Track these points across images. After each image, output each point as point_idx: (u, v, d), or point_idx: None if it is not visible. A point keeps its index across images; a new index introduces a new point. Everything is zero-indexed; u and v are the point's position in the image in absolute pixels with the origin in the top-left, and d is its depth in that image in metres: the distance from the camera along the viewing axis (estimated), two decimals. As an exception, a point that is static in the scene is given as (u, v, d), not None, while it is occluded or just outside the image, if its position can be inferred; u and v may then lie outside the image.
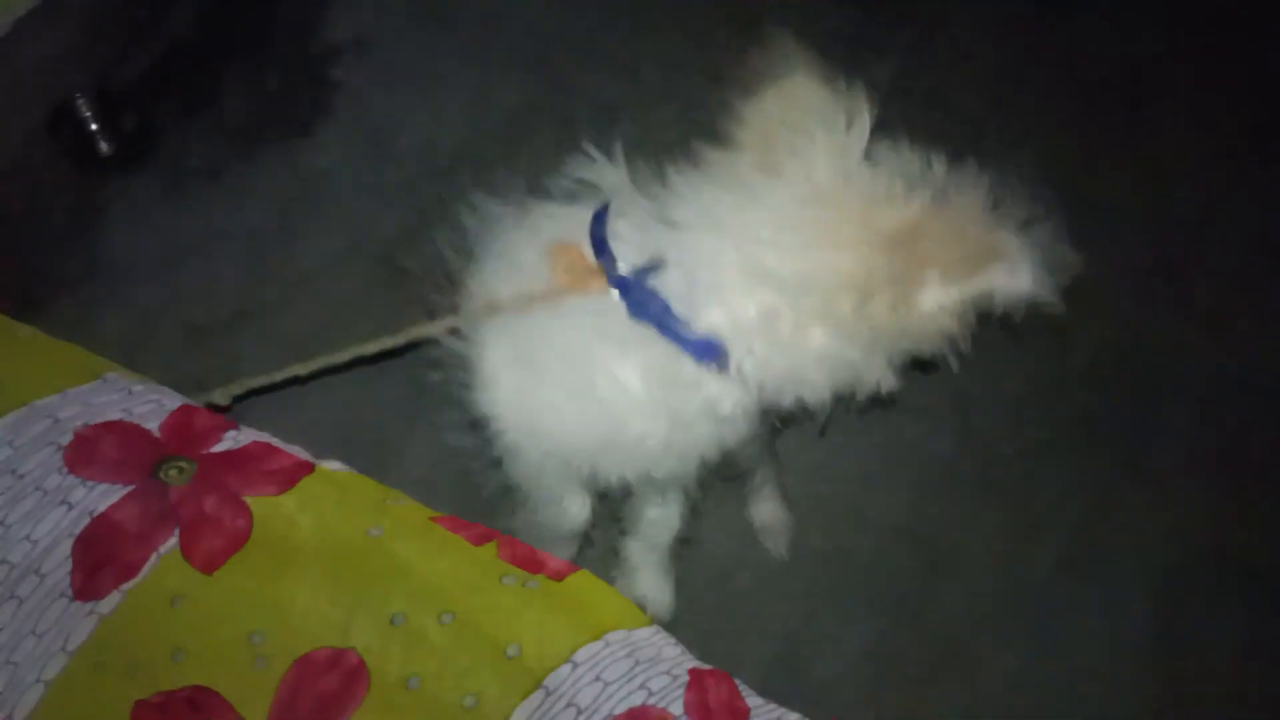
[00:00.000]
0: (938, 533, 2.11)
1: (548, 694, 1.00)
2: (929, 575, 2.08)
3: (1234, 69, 2.74)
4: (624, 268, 1.22)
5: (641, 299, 1.20)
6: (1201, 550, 2.09)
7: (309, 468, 1.09)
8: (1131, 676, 1.99)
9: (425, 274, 2.24)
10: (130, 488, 1.05)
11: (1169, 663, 2.00)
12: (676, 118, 2.62)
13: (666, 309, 1.19)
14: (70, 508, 1.05)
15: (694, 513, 1.94)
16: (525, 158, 2.58)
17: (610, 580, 1.87)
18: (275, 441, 1.12)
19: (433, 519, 1.08)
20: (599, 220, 1.28)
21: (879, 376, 1.30)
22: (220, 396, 1.67)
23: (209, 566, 1.02)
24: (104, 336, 2.29)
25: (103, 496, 1.06)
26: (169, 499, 1.04)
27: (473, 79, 2.69)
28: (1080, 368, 2.33)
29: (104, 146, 2.51)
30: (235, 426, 1.13)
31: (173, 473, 1.06)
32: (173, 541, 1.02)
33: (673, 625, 1.97)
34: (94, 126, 2.49)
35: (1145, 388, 2.30)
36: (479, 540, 1.06)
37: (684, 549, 2.02)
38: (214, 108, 2.62)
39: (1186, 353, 2.34)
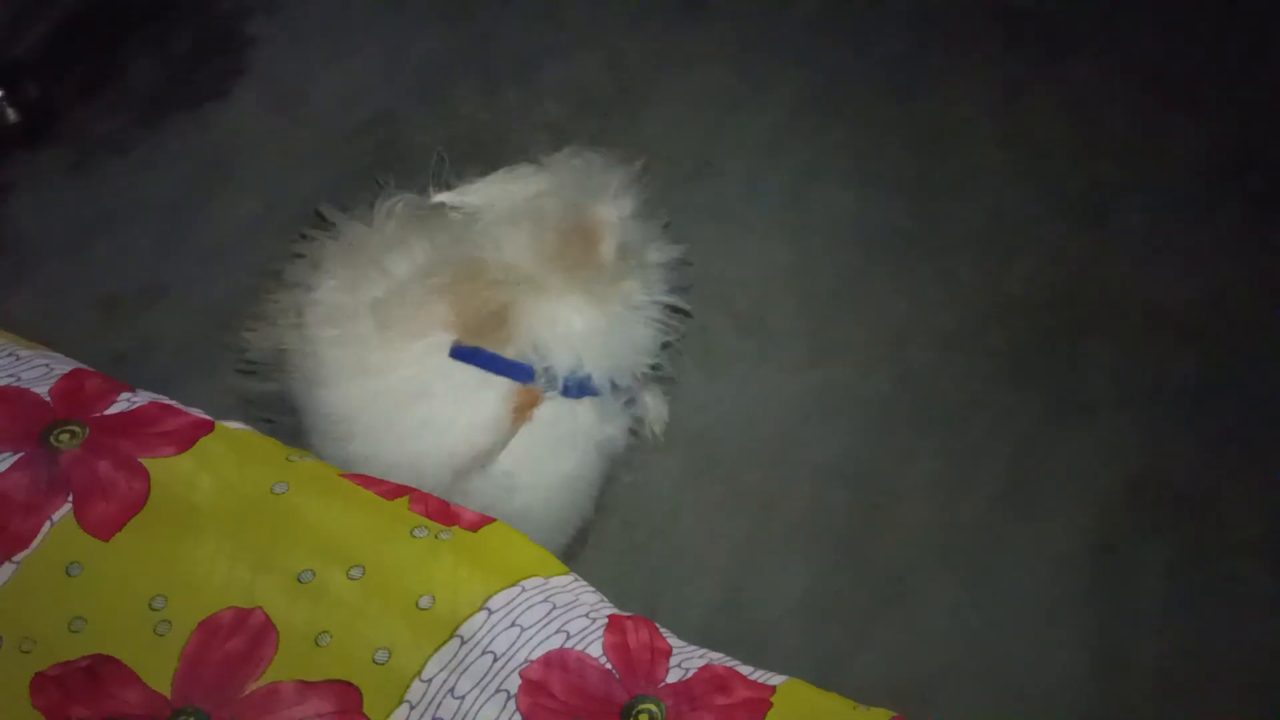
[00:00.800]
0: (875, 472, 2.10)
1: (462, 642, 0.97)
2: (868, 514, 2.07)
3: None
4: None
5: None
6: (1134, 480, 2.10)
7: (208, 426, 1.05)
8: (1069, 607, 2.00)
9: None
10: (18, 455, 1.00)
11: (1104, 592, 2.01)
12: (602, 63, 2.57)
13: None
14: (-47, 479, 1.01)
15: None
16: (444, 113, 2.53)
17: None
18: (172, 402, 1.08)
19: (341, 475, 1.04)
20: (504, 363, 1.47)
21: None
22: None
23: (105, 532, 0.97)
24: (14, 315, 2.18)
25: (-12, 466, 1.01)
26: (60, 465, 1.00)
27: (390, 31, 2.63)
28: (1013, 299, 2.33)
29: (10, 114, 2.41)
30: (130, 389, 1.08)
31: (64, 437, 1.02)
32: (66, 509, 0.98)
33: (618, 569, 1.97)
34: (-1, 92, 2.39)
35: (1077, 319, 2.30)
36: (390, 495, 1.03)
37: (627, 494, 2.00)
38: (119, 77, 2.53)
39: (1116, 284, 2.35)
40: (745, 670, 1.01)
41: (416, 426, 1.50)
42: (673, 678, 1.00)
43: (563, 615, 1.01)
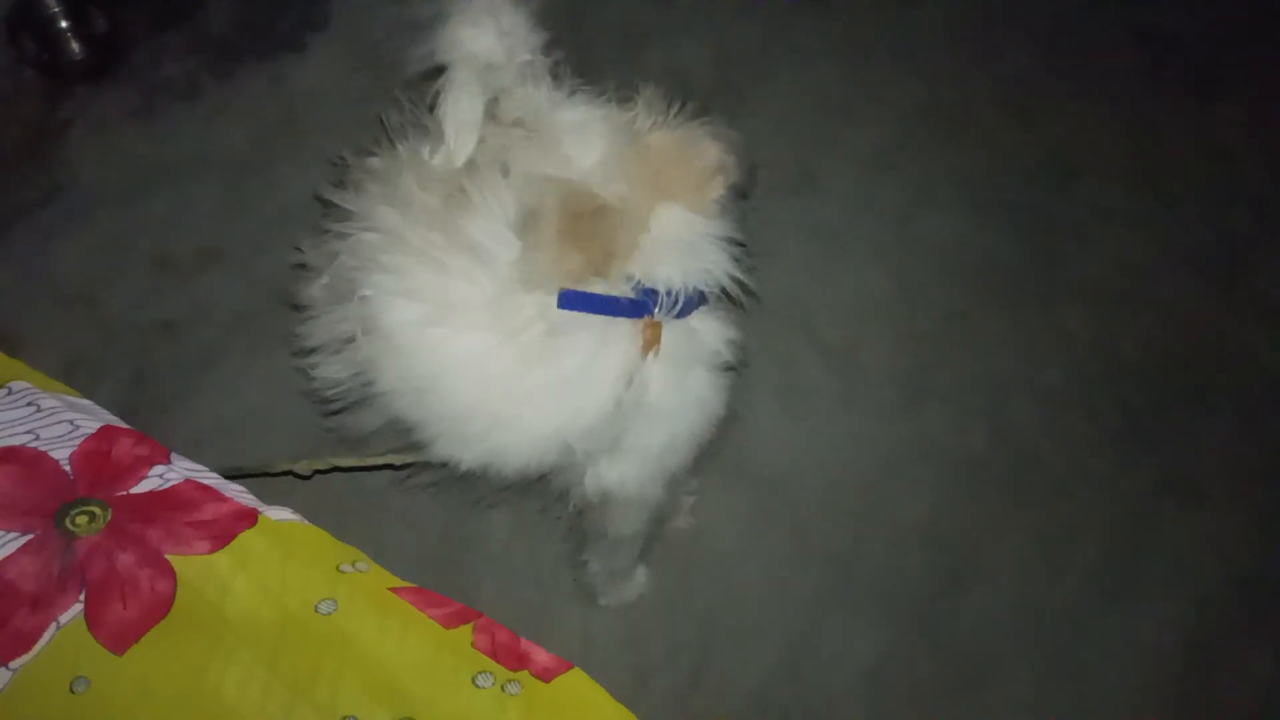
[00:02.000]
0: (961, 537, 1.94)
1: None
2: (948, 584, 1.91)
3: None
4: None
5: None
6: (1238, 575, 1.92)
7: (251, 518, 0.90)
8: (1154, 707, 1.84)
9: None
10: (29, 536, 0.87)
11: (1192, 694, 1.85)
12: (708, 52, 2.38)
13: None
14: (-48, 557, 0.87)
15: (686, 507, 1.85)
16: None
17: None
18: (212, 480, 0.93)
19: (395, 590, 0.89)
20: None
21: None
22: (303, 468, 1.58)
23: (120, 643, 0.84)
24: (59, 269, 2.10)
25: (-7, 545, 0.87)
26: (75, 554, 0.86)
27: (483, -2, 2.43)
28: (1128, 360, 2.14)
29: (74, 48, 2.27)
30: (166, 459, 0.93)
31: (81, 519, 0.88)
32: (76, 609, 0.84)
33: (670, 616, 1.83)
34: (64, 24, 2.24)
35: (1194, 388, 2.11)
36: (451, 622, 0.88)
37: (688, 539, 1.86)
38: (192, 16, 2.37)
39: (1241, 353, 2.15)
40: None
41: (552, 396, 1.34)
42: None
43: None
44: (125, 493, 0.90)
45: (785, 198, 2.23)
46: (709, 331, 1.42)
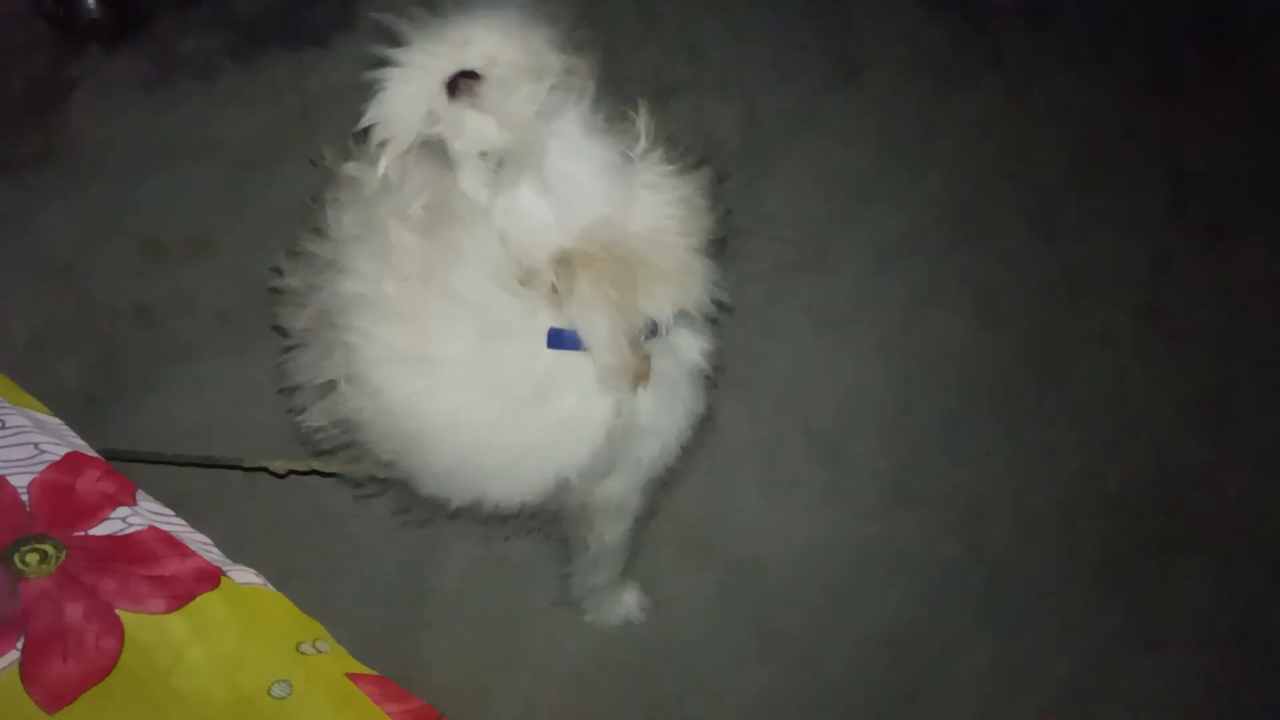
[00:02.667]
0: (925, 653, 1.90)
1: None
2: (904, 700, 1.87)
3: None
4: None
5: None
6: (1198, 734, 1.89)
7: (213, 580, 0.84)
8: None
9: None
10: (-28, 571, 0.80)
11: None
12: (736, 116, 2.34)
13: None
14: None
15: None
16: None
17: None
18: (176, 528, 0.86)
19: (354, 677, 0.83)
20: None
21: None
22: (279, 467, 1.55)
23: (55, 702, 0.76)
24: (44, 235, 2.02)
25: (-69, 576, 0.80)
26: (19, 597, 0.79)
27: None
28: (1110, 493, 2.11)
29: (92, 5, 2.19)
30: (131, 500, 0.86)
31: (32, 558, 0.81)
32: (12, 657, 0.77)
33: (621, 693, 1.77)
34: (83, -20, 2.17)
35: (1174, 534, 2.09)
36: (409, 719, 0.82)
37: (647, 625, 1.81)
38: (221, -7, 2.31)
39: (1225, 505, 2.12)
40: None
41: (545, 441, 1.33)
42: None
43: None
44: (84, 533, 0.83)
45: (794, 274, 2.19)
46: (686, 345, 1.41)
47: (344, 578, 1.85)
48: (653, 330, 1.31)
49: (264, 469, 1.55)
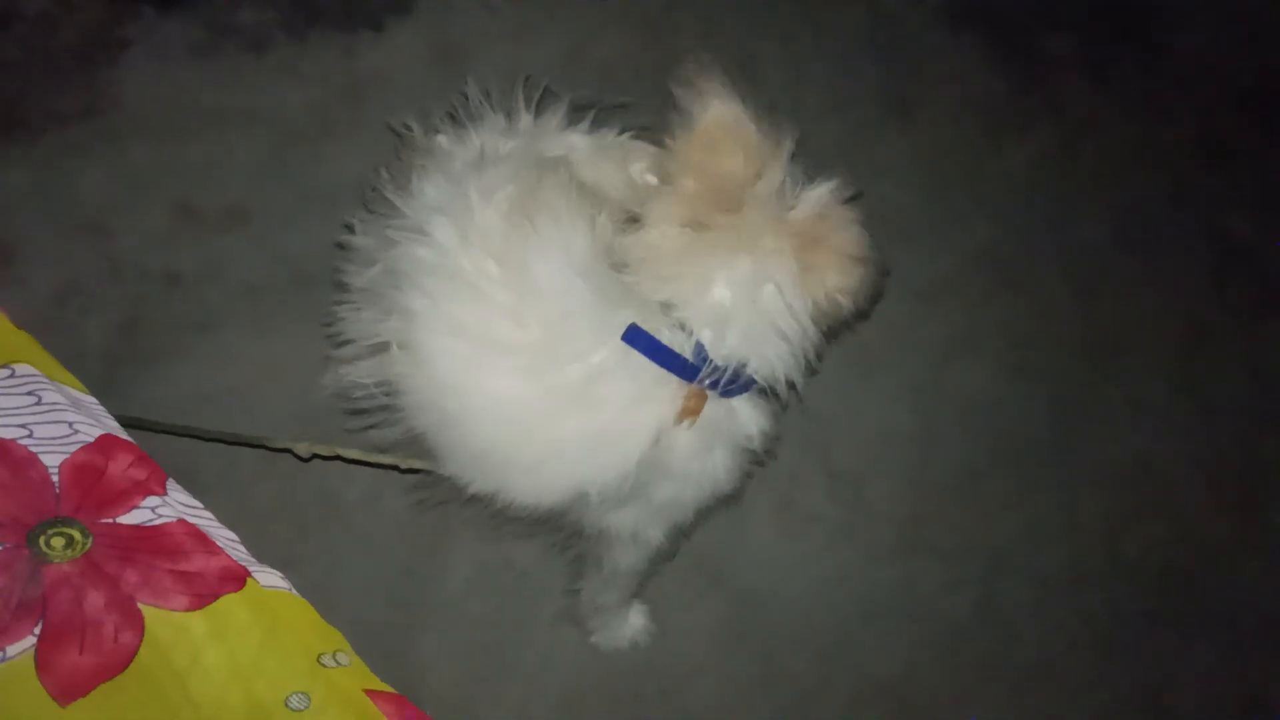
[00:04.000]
0: (926, 704, 1.88)
1: None
2: (901, 751, 1.83)
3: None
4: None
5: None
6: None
7: (239, 580, 0.81)
8: None
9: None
10: (-4, 549, 0.77)
11: None
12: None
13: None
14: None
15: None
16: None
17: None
18: (205, 523, 0.83)
19: (372, 694, 0.80)
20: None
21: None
22: (303, 450, 1.54)
23: (67, 694, 0.74)
24: (80, 191, 1.99)
25: (-47, 550, 0.77)
26: (40, 582, 0.76)
27: (575, 25, 2.36)
28: (1128, 562, 2.08)
29: (149, -36, 2.16)
30: (162, 489, 0.83)
31: (57, 542, 0.78)
32: (28, 642, 0.75)
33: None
34: (144, -61, 2.14)
35: (1187, 608, 2.06)
36: (426, 744, 0.79)
37: (646, 649, 1.78)
38: (282, -34, 2.28)
39: (1240, 584, 2.09)
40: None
41: (579, 448, 1.31)
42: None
43: None
44: (111, 520, 0.80)
45: (828, 309, 2.15)
46: (746, 416, 1.39)
47: (346, 570, 1.83)
48: (714, 381, 1.28)
49: (289, 450, 1.52)
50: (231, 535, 0.86)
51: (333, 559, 1.82)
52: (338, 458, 1.53)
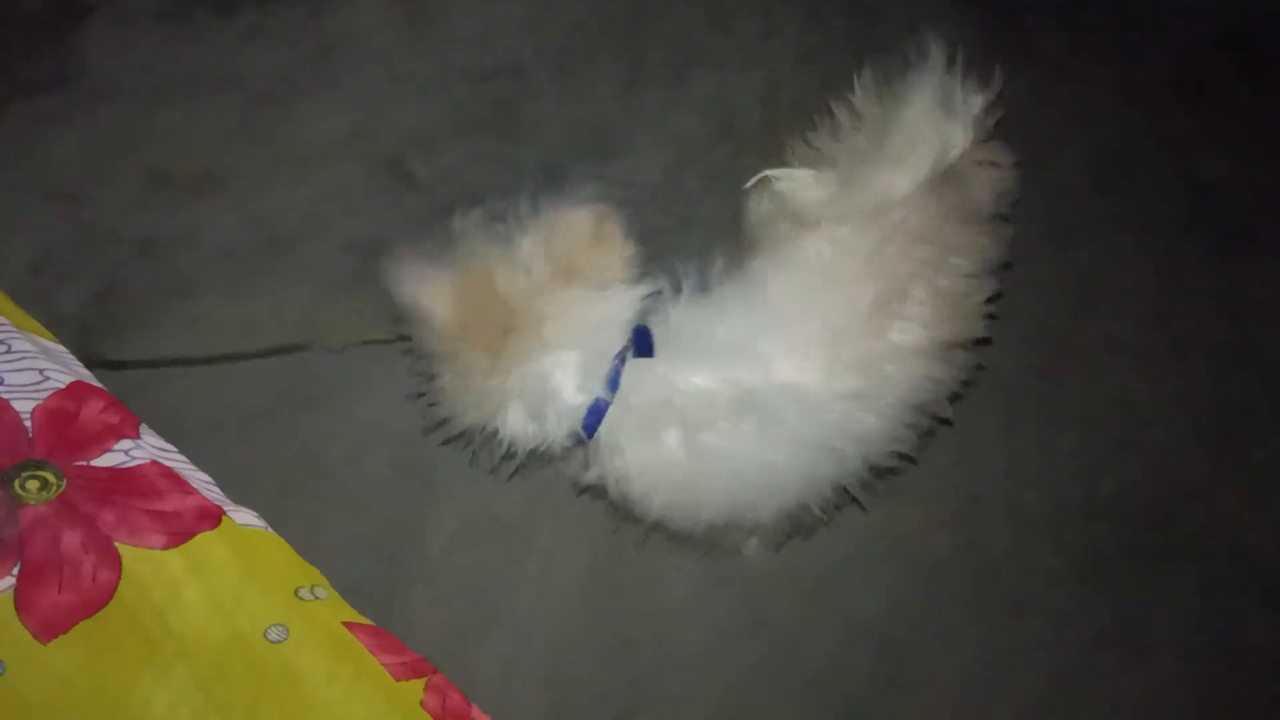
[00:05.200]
0: (907, 646, 1.90)
1: None
2: (884, 686, 1.87)
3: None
4: None
5: None
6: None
7: (214, 519, 0.82)
8: None
9: (433, 188, 1.98)
10: (-30, 492, 0.78)
11: None
12: (757, 92, 2.31)
13: None
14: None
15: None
16: (575, 90, 2.28)
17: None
18: (179, 465, 0.84)
19: (351, 626, 0.81)
20: None
21: None
22: (334, 343, 1.71)
23: (47, 631, 0.75)
24: (51, 160, 1.99)
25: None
26: (18, 522, 0.77)
27: (547, -15, 2.35)
28: (1104, 499, 2.10)
29: (113, -68, 2.14)
30: (135, 433, 0.85)
31: (33, 485, 0.79)
32: (7, 583, 0.76)
33: (600, 665, 1.77)
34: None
35: (1163, 545, 2.08)
36: (403, 674, 0.81)
37: (643, 590, 1.80)
38: (246, -71, 2.27)
39: (1217, 520, 2.12)
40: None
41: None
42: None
43: None
44: (85, 463, 0.81)
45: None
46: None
47: (333, 528, 1.84)
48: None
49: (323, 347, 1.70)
50: (206, 477, 0.87)
51: (319, 518, 1.83)
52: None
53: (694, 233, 2.12)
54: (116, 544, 0.79)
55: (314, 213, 2.04)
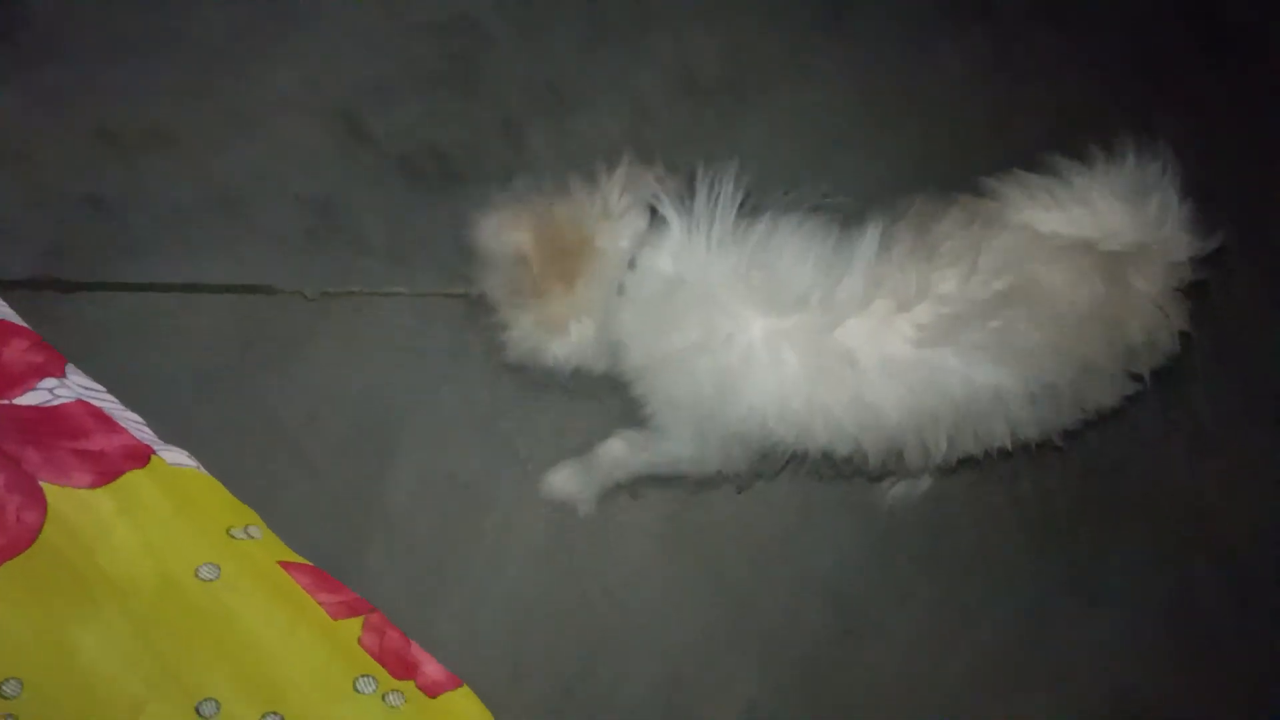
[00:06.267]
0: (864, 600, 1.92)
1: None
2: (839, 640, 1.89)
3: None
4: None
5: None
6: (1121, 693, 1.94)
7: (143, 458, 0.81)
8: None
9: (390, 144, 1.97)
10: (-109, 431, 0.77)
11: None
12: (718, 48, 2.29)
13: None
14: None
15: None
16: (533, 47, 2.26)
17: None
18: (109, 406, 0.83)
19: (287, 565, 0.81)
20: None
21: None
22: (310, 291, 1.73)
23: (-32, 571, 0.74)
24: (-2, 108, 1.94)
25: None
26: (-61, 463, 0.76)
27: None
28: (1056, 452, 2.11)
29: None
30: (60, 372, 0.83)
31: (-45, 425, 0.78)
32: (-70, 525, 0.74)
33: (561, 623, 1.78)
34: None
35: (1118, 500, 2.11)
36: (340, 612, 0.81)
37: (600, 549, 1.81)
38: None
39: (1168, 469, 2.14)
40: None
41: None
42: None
43: None
44: (8, 402, 0.80)
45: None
46: None
47: (290, 488, 1.82)
48: None
49: (299, 293, 1.76)
50: (137, 418, 0.86)
51: (276, 478, 1.82)
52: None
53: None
54: (42, 483, 0.78)
55: (267, 170, 2.02)
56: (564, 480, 1.84)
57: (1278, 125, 2.50)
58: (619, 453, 1.75)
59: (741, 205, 1.50)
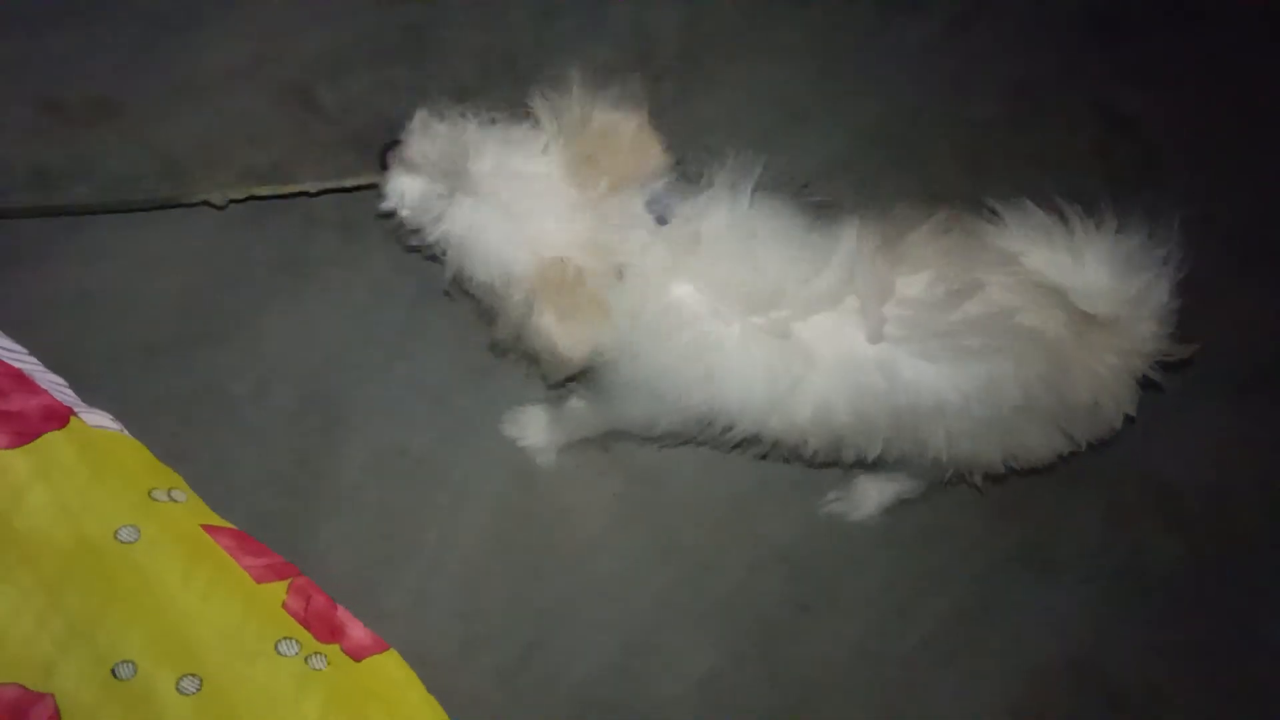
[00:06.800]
0: (819, 572, 1.92)
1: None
2: (796, 613, 1.89)
3: None
4: None
5: None
6: (1074, 660, 1.95)
7: (62, 419, 0.79)
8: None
9: (341, 116, 1.95)
10: None
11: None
12: (678, 20, 2.27)
13: None
14: None
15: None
16: (488, 16, 2.23)
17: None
18: (27, 366, 0.81)
19: (210, 529, 0.79)
20: None
21: None
22: (217, 197, 1.65)
23: (-123, 533, 0.72)
24: (-67, 87, 1.90)
25: None
26: None
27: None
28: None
29: None
30: (-20, 331, 0.81)
31: None
32: None
33: (514, 597, 1.77)
34: None
35: (1071, 472, 2.09)
36: (265, 576, 0.79)
37: (554, 522, 1.79)
38: None
39: (1123, 440, 2.14)
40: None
41: None
42: None
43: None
44: (-77, 361, 0.78)
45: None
46: None
47: (238, 463, 1.81)
48: None
49: (205, 201, 1.66)
50: (58, 379, 0.84)
51: (223, 453, 1.80)
52: (251, 197, 1.67)
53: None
54: (-46, 445, 0.76)
55: (214, 141, 1.98)
56: (529, 420, 1.85)
57: (1240, 91, 2.51)
58: (581, 411, 1.74)
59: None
